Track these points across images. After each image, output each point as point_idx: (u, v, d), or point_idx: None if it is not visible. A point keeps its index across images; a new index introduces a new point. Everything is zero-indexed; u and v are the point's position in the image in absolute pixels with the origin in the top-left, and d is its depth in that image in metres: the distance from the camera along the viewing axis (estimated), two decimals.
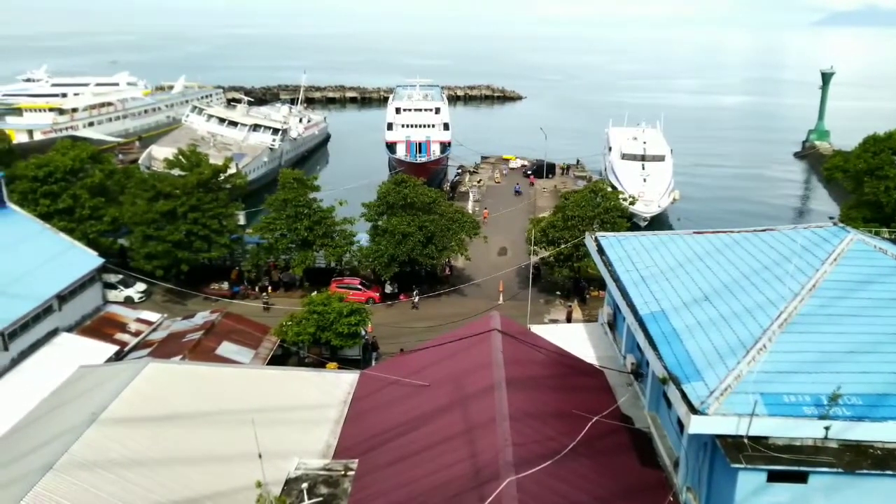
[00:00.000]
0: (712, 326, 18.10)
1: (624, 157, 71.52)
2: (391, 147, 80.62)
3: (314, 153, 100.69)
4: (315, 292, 39.38)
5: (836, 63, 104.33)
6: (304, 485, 16.79)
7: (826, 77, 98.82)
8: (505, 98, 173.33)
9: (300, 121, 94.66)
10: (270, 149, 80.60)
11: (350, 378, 23.30)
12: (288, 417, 20.18)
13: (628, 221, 49.75)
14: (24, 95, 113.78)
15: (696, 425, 14.76)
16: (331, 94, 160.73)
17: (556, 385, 21.32)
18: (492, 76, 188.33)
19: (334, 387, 22.52)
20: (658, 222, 62.41)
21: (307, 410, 20.87)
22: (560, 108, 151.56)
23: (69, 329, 33.25)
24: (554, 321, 41.37)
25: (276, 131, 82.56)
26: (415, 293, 45.46)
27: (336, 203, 47.91)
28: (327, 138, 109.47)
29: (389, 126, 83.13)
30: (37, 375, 27.55)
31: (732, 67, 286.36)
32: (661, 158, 71.33)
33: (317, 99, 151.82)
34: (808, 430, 14.53)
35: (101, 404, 18.83)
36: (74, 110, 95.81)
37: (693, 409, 14.82)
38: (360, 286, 45.80)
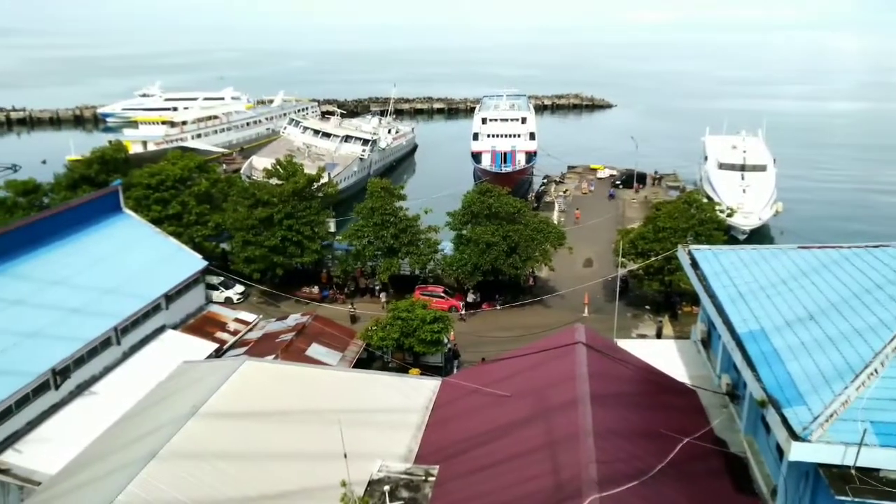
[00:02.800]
0: (817, 348, 16.92)
1: (721, 166, 68.46)
2: (476, 157, 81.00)
3: (401, 163, 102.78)
4: (381, 299, 40.00)
5: None
6: (387, 487, 17.06)
7: None
8: (594, 106, 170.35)
9: (389, 132, 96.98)
10: (360, 159, 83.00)
11: (432, 384, 23.49)
12: (372, 420, 20.59)
13: (725, 234, 47.58)
14: (139, 109, 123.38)
15: (798, 452, 13.82)
16: (419, 106, 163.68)
17: (643, 403, 20.59)
18: (581, 85, 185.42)
19: (417, 392, 22.77)
20: (758, 236, 59.22)
21: (390, 414, 21.22)
22: (652, 117, 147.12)
23: (174, 326, 35.37)
24: (642, 336, 40.08)
25: (365, 142, 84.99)
26: (497, 302, 45.33)
27: (421, 211, 48.70)
28: (414, 148, 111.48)
29: (475, 136, 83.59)
30: (145, 368, 29.56)
31: (843, 71, 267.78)
32: (762, 168, 67.73)
33: (405, 110, 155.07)
34: None
35: (201, 398, 19.94)
36: (184, 123, 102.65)
37: (794, 436, 13.90)
38: (443, 294, 46.20)
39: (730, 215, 51.69)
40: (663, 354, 26.01)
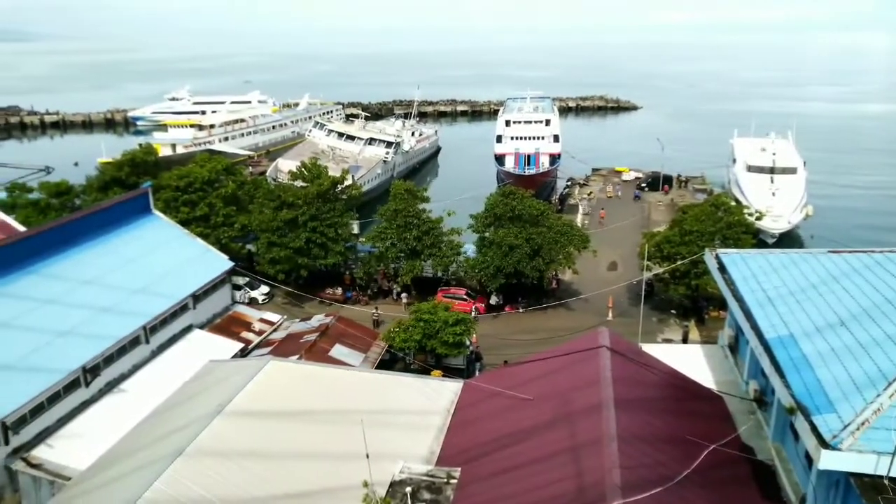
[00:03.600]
0: (848, 354, 16.57)
1: (750, 169, 67.43)
2: (500, 159, 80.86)
3: (425, 165, 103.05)
4: (401, 300, 40.10)
5: None
6: (408, 488, 17.10)
7: None
8: (619, 108, 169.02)
9: (412, 134, 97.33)
10: (384, 161, 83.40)
11: (454, 387, 23.49)
12: (394, 421, 20.66)
13: (754, 238, 46.81)
14: (169, 113, 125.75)
15: (827, 461, 13.56)
16: (442, 108, 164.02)
17: (668, 408, 20.34)
18: (605, 87, 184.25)
19: (439, 394, 22.79)
20: (788, 240, 58.16)
21: (412, 415, 21.27)
22: (678, 119, 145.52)
23: (201, 326, 35.86)
24: (668, 341, 39.57)
25: (389, 144, 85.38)
26: (520, 305, 45.16)
27: (444, 214, 48.74)
28: (438, 151, 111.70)
29: (499, 138, 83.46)
30: (172, 367, 30.03)
31: (872, 72, 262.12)
32: (792, 171, 66.52)
33: (429, 113, 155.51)
34: None
35: (226, 397, 20.20)
36: (212, 126, 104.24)
37: (824, 444, 13.64)
38: (465, 296, 46.18)
39: (759, 219, 50.83)
40: (689, 359, 25.69)
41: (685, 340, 39.91)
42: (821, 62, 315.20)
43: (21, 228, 36.32)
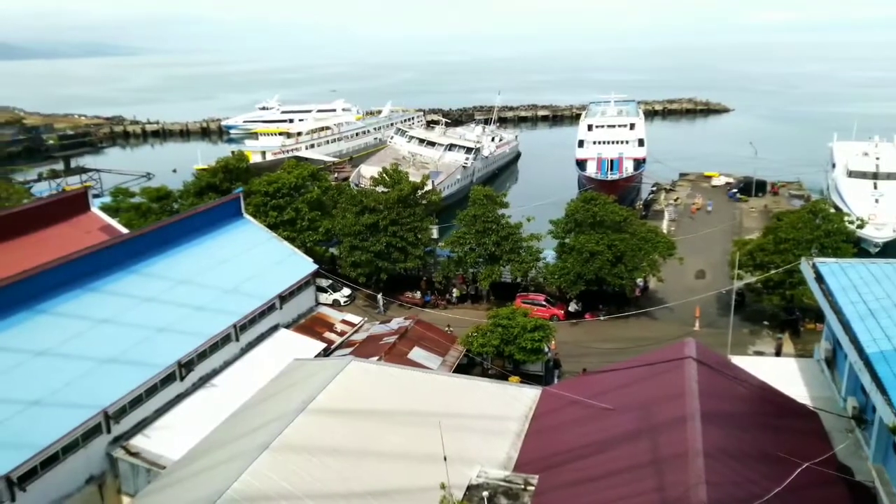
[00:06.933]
0: None
1: (851, 174, 63.30)
2: (581, 164, 79.58)
3: (504, 170, 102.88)
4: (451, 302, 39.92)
5: None
6: (485, 493, 17.07)
7: None
8: (709, 111, 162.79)
9: (492, 140, 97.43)
10: (463, 167, 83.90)
11: (532, 393, 23.25)
12: (471, 425, 20.67)
13: (855, 247, 43.89)
14: (259, 122, 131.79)
15: None
16: (523, 114, 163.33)
17: (759, 424, 19.33)
18: (694, 89, 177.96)
19: (516, 400, 22.63)
20: (892, 249, 54.10)
21: (489, 420, 21.21)
22: (773, 121, 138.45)
23: (287, 325, 37.17)
24: (759, 354, 37.64)
25: (468, 150, 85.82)
26: (601, 312, 44.20)
27: (524, 219, 48.43)
28: (518, 156, 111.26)
29: (580, 143, 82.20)
30: (260, 364, 31.32)
31: None
32: None
33: (509, 118, 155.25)
34: None
35: (310, 395, 20.86)
36: (299, 134, 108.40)
37: None
38: (544, 302, 45.66)
39: (860, 226, 47.65)
40: (782, 373, 24.38)
41: (778, 353, 37.84)
42: None
43: (124, 231, 38.65)
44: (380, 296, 47.53)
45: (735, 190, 73.89)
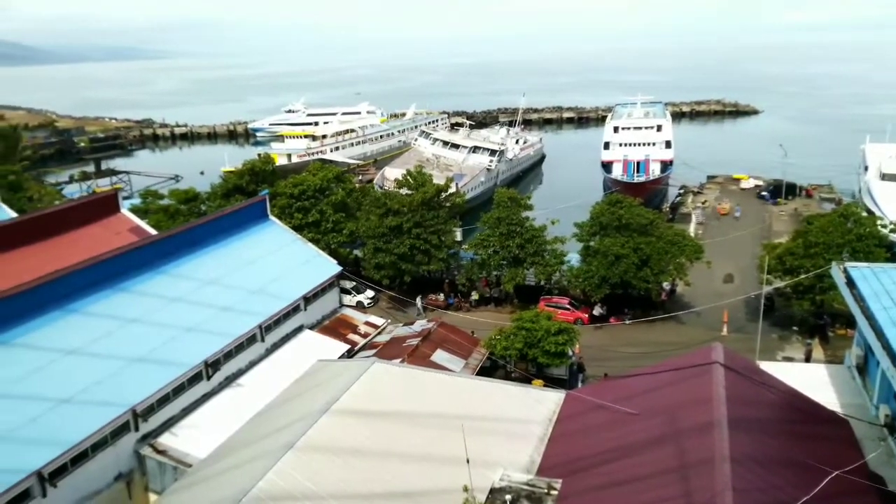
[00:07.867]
0: None
1: (884, 177, 61.90)
2: (607, 167, 78.91)
3: (529, 173, 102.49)
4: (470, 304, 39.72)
5: None
6: (508, 496, 17.01)
7: None
8: (738, 113, 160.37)
9: (516, 142, 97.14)
10: (487, 169, 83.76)
11: (556, 397, 23.11)
12: (494, 428, 20.62)
13: (888, 252, 42.83)
14: (285, 124, 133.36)
15: None
16: (548, 116, 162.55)
17: (787, 430, 18.96)
18: (723, 90, 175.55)
19: (540, 404, 22.51)
20: None
21: (512, 424, 21.13)
22: (804, 123, 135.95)
23: (311, 327, 37.45)
24: (789, 359, 36.94)
25: (493, 152, 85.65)
26: (626, 316, 43.75)
27: (548, 222, 48.17)
28: (542, 158, 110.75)
29: (606, 145, 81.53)
30: (284, 365, 31.59)
31: None
32: None
33: (534, 120, 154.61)
34: None
35: (333, 396, 21.01)
36: (324, 136, 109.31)
37: None
38: (568, 306, 45.34)
39: (893, 231, 46.49)
40: (812, 380, 23.90)
41: (808, 359, 37.10)
42: None
43: (153, 232, 39.29)
44: (418, 299, 47.62)
45: (766, 193, 72.68)
